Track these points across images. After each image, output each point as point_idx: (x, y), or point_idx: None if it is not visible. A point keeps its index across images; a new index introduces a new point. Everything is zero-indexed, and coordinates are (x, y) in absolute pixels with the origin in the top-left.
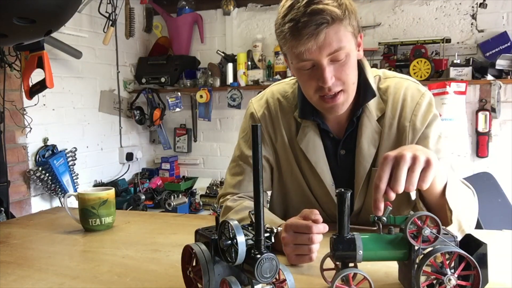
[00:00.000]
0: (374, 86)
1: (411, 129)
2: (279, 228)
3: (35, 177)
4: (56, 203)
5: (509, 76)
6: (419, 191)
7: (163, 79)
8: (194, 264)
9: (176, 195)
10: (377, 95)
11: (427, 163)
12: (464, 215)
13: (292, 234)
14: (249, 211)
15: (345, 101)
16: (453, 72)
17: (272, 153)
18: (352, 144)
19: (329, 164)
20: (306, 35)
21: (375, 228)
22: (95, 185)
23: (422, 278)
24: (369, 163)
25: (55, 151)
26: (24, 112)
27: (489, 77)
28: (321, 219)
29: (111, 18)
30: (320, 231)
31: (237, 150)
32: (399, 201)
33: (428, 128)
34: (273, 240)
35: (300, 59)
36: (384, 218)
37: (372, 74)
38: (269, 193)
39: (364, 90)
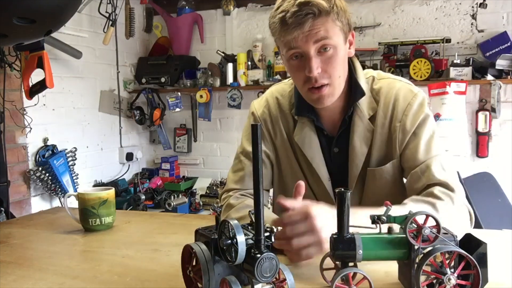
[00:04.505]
0: (364, 86)
1: (401, 130)
2: (279, 228)
3: (35, 177)
4: (56, 203)
5: (509, 76)
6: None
7: (163, 79)
8: (194, 263)
9: (176, 195)
10: (369, 94)
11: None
12: None
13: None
14: (249, 211)
15: (330, 94)
16: (453, 72)
17: (272, 150)
18: (345, 143)
19: (325, 161)
20: (293, 24)
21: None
22: (95, 185)
23: (422, 278)
24: (362, 162)
25: (55, 151)
26: (24, 112)
27: (489, 77)
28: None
29: (111, 18)
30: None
31: (239, 148)
32: (395, 197)
33: (419, 128)
34: (273, 240)
35: (288, 48)
36: (384, 217)
37: (362, 74)
38: (270, 192)
39: (354, 89)
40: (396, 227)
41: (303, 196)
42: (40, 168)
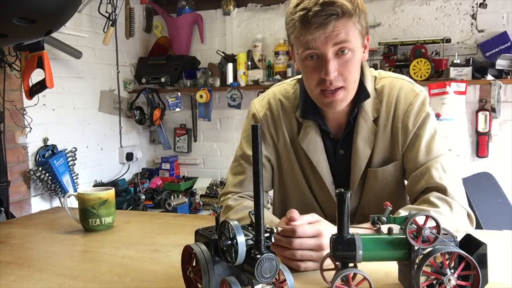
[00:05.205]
0: (370, 87)
1: (403, 131)
2: (279, 229)
3: (35, 177)
4: (56, 203)
5: (509, 76)
6: None
7: (163, 79)
8: (194, 264)
9: (176, 195)
10: (374, 96)
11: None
12: None
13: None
14: (249, 211)
15: (344, 98)
16: (453, 72)
17: (274, 153)
18: (349, 144)
19: (329, 164)
20: (315, 24)
21: (375, 228)
22: (95, 185)
23: (422, 278)
24: (364, 163)
25: (55, 151)
26: (24, 112)
27: (489, 77)
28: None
29: (111, 18)
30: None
31: (239, 150)
32: (395, 198)
33: (420, 128)
34: (273, 240)
35: (306, 48)
36: (384, 218)
37: (370, 76)
38: (270, 193)
39: (360, 91)
40: (396, 228)
41: (305, 200)
42: (40, 168)
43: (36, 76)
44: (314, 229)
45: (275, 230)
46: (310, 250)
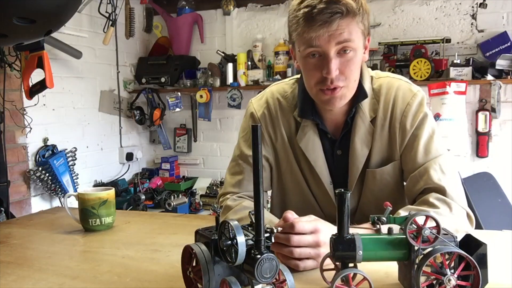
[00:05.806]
0: (368, 87)
1: (400, 131)
2: (279, 229)
3: (35, 177)
4: (56, 203)
5: (509, 76)
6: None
7: (163, 79)
8: (194, 264)
9: (176, 195)
10: (372, 95)
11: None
12: None
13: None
14: (249, 212)
15: (343, 96)
16: (453, 72)
17: (272, 153)
18: (347, 145)
19: (327, 164)
20: (319, 21)
21: (375, 228)
22: (95, 185)
23: (422, 279)
24: (362, 164)
25: (55, 151)
26: (24, 112)
27: (489, 77)
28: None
29: (111, 18)
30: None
31: (237, 150)
32: (395, 198)
33: (418, 129)
34: (273, 240)
35: (309, 45)
36: (384, 218)
37: (368, 76)
38: (269, 193)
39: (358, 91)
40: (396, 228)
41: (304, 199)
42: (40, 168)
43: (36, 76)
44: (312, 225)
45: (275, 230)
46: (308, 247)
